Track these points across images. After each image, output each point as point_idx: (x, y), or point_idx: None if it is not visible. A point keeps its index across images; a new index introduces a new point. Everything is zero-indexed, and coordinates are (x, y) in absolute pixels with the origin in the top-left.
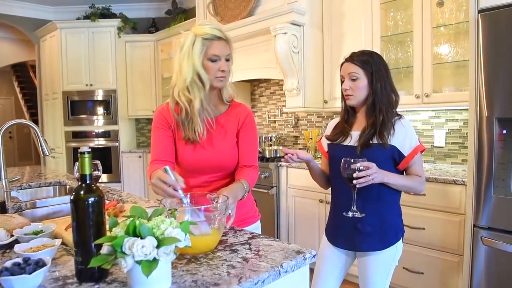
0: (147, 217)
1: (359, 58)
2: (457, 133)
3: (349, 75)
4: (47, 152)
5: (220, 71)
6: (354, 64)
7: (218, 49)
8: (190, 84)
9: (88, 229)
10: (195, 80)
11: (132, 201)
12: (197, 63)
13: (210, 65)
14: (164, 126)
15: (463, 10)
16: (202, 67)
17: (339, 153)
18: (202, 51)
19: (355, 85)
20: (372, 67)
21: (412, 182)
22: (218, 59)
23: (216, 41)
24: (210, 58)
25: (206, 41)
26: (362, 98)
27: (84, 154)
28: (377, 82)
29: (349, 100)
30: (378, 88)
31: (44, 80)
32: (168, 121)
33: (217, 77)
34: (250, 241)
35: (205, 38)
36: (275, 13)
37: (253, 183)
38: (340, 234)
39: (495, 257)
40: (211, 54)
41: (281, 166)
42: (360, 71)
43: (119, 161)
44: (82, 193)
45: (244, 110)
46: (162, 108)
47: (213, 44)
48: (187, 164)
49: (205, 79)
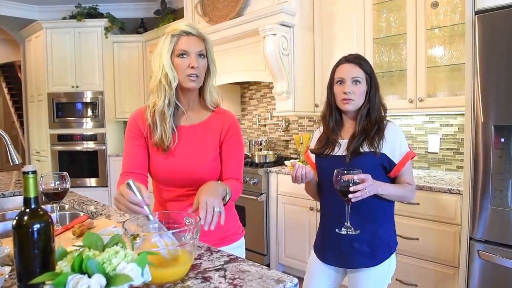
0: (102, 246)
1: (362, 61)
2: (452, 139)
3: (352, 78)
4: (17, 161)
5: (190, 68)
6: (359, 67)
7: (186, 44)
8: (157, 84)
9: (32, 260)
10: (161, 80)
11: (106, 214)
12: (164, 60)
13: (179, 62)
14: (136, 134)
15: (458, 11)
16: (171, 65)
17: (327, 165)
18: (170, 47)
19: (357, 90)
20: (371, 73)
21: (403, 191)
22: (186, 55)
23: (184, 36)
24: (178, 54)
25: (174, 38)
26: (360, 105)
27: (28, 174)
28: (375, 90)
29: (348, 104)
30: (374, 95)
31: (29, 81)
32: (140, 128)
33: (188, 76)
34: (226, 266)
35: (173, 34)
36: (264, 14)
37: (236, 194)
38: (328, 249)
39: (491, 271)
40: (179, 49)
41: (270, 172)
42: (363, 75)
43: (106, 165)
44: (26, 218)
45: (229, 118)
46: (136, 113)
47: (181, 39)
48: (159, 175)
49: (171, 77)
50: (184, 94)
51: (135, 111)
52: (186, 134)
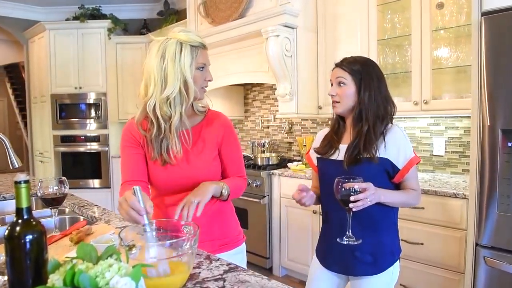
0: (96, 258)
1: (350, 64)
2: (458, 142)
3: (336, 80)
4: (16, 165)
5: (206, 81)
6: (342, 69)
7: (205, 57)
8: (175, 96)
9: (25, 271)
10: (181, 91)
11: (105, 219)
12: (187, 72)
13: (198, 74)
14: (133, 143)
15: (464, 12)
16: (192, 76)
17: (328, 169)
18: (193, 59)
19: (342, 91)
20: (361, 74)
21: (408, 197)
22: (204, 68)
23: (202, 49)
24: (198, 67)
25: (195, 49)
26: (349, 107)
27: (21, 184)
28: (365, 91)
29: (335, 107)
30: (365, 97)
31: (33, 83)
32: (136, 138)
33: (203, 88)
34: (225, 275)
35: (194, 45)
36: (267, 15)
37: (237, 190)
38: (331, 256)
39: (498, 278)
40: (199, 62)
41: (273, 174)
42: (348, 76)
43: (109, 166)
44: (18, 229)
45: (224, 120)
46: (129, 124)
47: (201, 52)
48: (159, 183)
49: (191, 90)
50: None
51: (127, 122)
52: (185, 139)
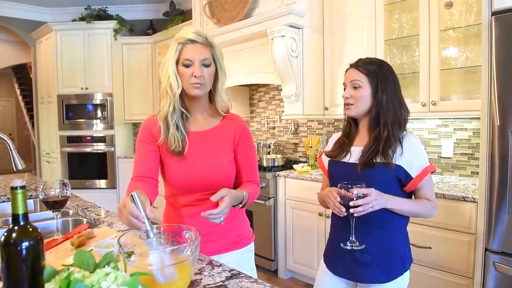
0: (93, 265)
1: (366, 65)
2: (466, 144)
3: (352, 83)
4: (20, 166)
5: (193, 77)
6: (358, 70)
7: (190, 52)
8: (163, 92)
9: (21, 279)
10: (166, 87)
11: (108, 222)
12: (170, 69)
13: (183, 70)
14: (149, 140)
15: (473, 12)
16: (176, 73)
17: (339, 171)
18: (175, 56)
19: (357, 94)
20: (378, 76)
21: (420, 207)
22: (191, 64)
23: (189, 44)
24: (183, 63)
25: (179, 46)
26: (364, 110)
27: (17, 190)
28: (382, 93)
29: (349, 110)
30: (383, 100)
31: (40, 83)
32: (154, 134)
33: (192, 84)
34: (227, 282)
35: (179, 42)
36: (273, 15)
37: (253, 198)
38: (338, 261)
39: (508, 284)
40: (183, 58)
41: (278, 176)
42: (365, 79)
43: (115, 166)
44: (14, 236)
45: (240, 123)
46: (149, 120)
47: (186, 48)
48: (175, 181)
49: (174, 85)
50: (192, 101)
51: (147, 118)
52: (199, 140)
